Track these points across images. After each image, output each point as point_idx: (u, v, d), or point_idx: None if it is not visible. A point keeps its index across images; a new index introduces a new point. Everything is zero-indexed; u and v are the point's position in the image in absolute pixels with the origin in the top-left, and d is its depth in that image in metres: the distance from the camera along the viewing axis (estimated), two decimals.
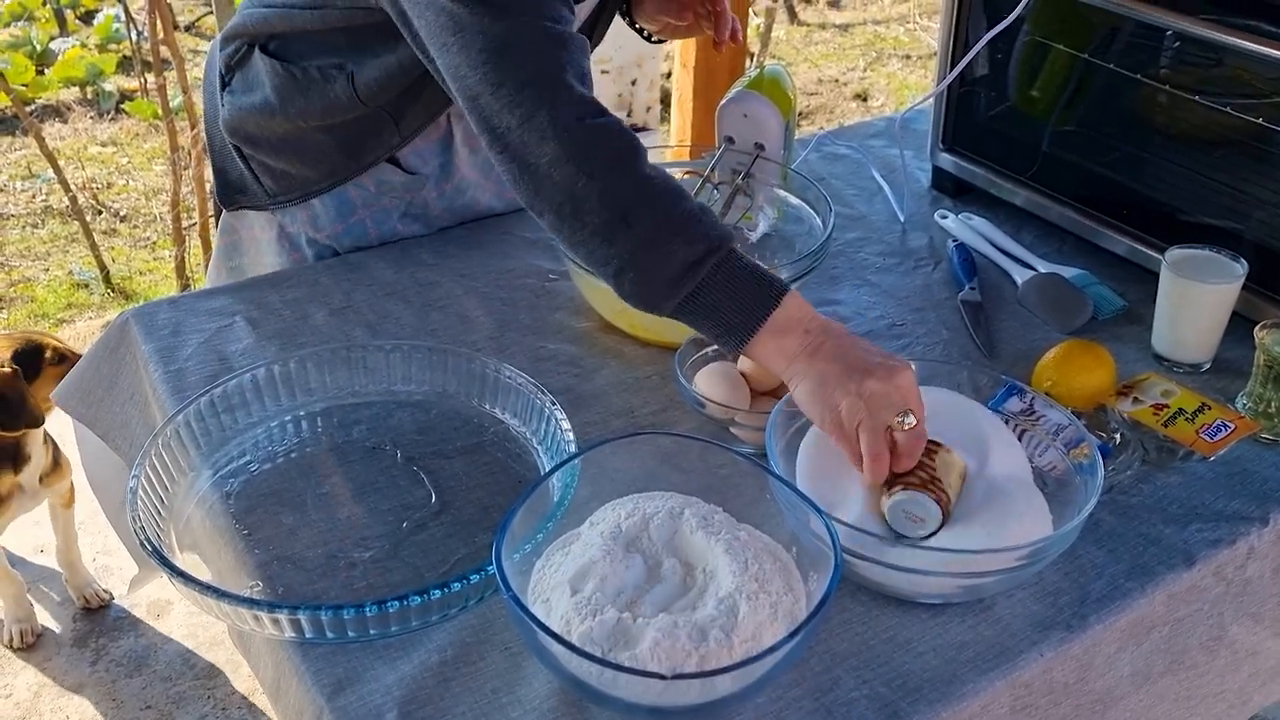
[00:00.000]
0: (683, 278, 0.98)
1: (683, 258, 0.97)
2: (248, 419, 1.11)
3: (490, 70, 1.00)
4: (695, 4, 1.34)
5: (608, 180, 0.98)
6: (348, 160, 1.31)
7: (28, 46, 4.82)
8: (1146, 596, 0.96)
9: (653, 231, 0.98)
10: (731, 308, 0.98)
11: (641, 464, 0.97)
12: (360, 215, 1.38)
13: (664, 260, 0.98)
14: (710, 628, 0.82)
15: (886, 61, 5.20)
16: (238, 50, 1.32)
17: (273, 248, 1.41)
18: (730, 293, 0.98)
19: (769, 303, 0.97)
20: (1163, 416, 1.12)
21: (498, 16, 1.00)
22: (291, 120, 1.28)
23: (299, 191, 1.34)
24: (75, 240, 3.58)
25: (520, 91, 0.99)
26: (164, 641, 2.04)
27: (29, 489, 1.90)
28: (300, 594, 0.95)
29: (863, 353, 0.96)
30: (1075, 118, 1.42)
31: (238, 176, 1.37)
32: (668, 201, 0.99)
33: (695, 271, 0.97)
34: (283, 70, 1.26)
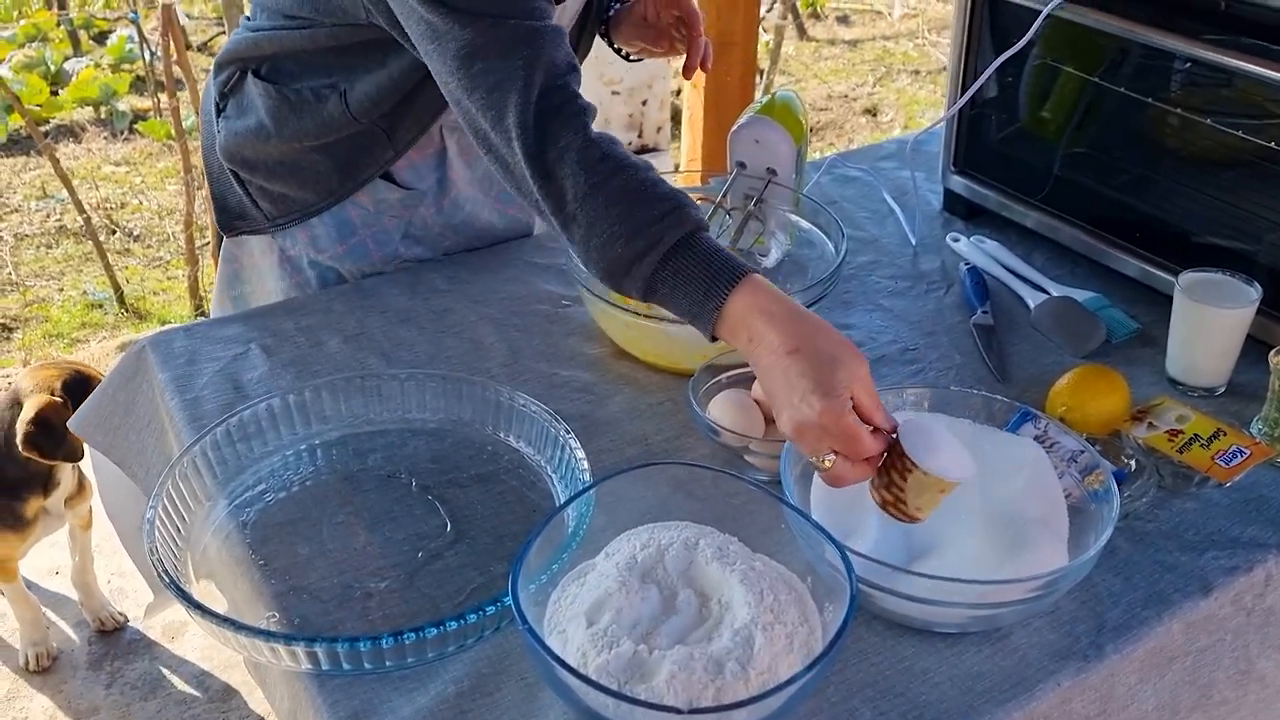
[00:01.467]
0: (635, 269, 0.99)
1: (630, 252, 0.98)
2: (263, 448, 1.11)
3: (463, 75, 1.03)
4: (670, 31, 1.38)
5: (557, 182, 1.01)
6: (344, 179, 1.32)
7: (42, 67, 4.86)
8: (1164, 625, 0.95)
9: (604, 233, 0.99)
10: (688, 297, 0.98)
11: (656, 493, 0.97)
12: (361, 236, 1.39)
13: (613, 254, 0.99)
14: (726, 660, 0.82)
15: (896, 77, 5.21)
16: (231, 77, 1.34)
17: (274, 272, 1.41)
18: (690, 277, 0.97)
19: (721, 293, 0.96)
20: (1178, 442, 1.12)
21: (466, 23, 1.02)
22: (286, 142, 1.30)
23: (298, 213, 1.35)
24: (89, 260, 3.60)
25: (490, 94, 1.02)
26: (179, 664, 2.04)
27: (54, 512, 1.94)
28: (317, 625, 0.95)
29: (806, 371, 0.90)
30: (1086, 140, 1.43)
31: (236, 202, 1.38)
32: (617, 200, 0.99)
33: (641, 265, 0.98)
34: (275, 93, 1.28)
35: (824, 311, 1.30)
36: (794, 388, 0.90)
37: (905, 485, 0.90)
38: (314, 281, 1.41)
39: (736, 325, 0.96)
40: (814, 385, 0.89)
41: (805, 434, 0.90)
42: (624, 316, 1.20)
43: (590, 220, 1.00)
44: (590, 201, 1.00)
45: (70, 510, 1.97)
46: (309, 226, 1.37)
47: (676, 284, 0.98)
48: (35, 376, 1.85)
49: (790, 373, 0.91)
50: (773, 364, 0.92)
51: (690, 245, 0.98)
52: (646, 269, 0.98)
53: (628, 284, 1.01)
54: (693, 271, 0.97)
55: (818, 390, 0.89)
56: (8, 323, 3.29)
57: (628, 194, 0.99)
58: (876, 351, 1.30)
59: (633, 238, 0.98)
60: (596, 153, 1.01)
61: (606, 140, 1.03)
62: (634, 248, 0.98)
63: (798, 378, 0.90)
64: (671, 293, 0.99)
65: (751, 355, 0.95)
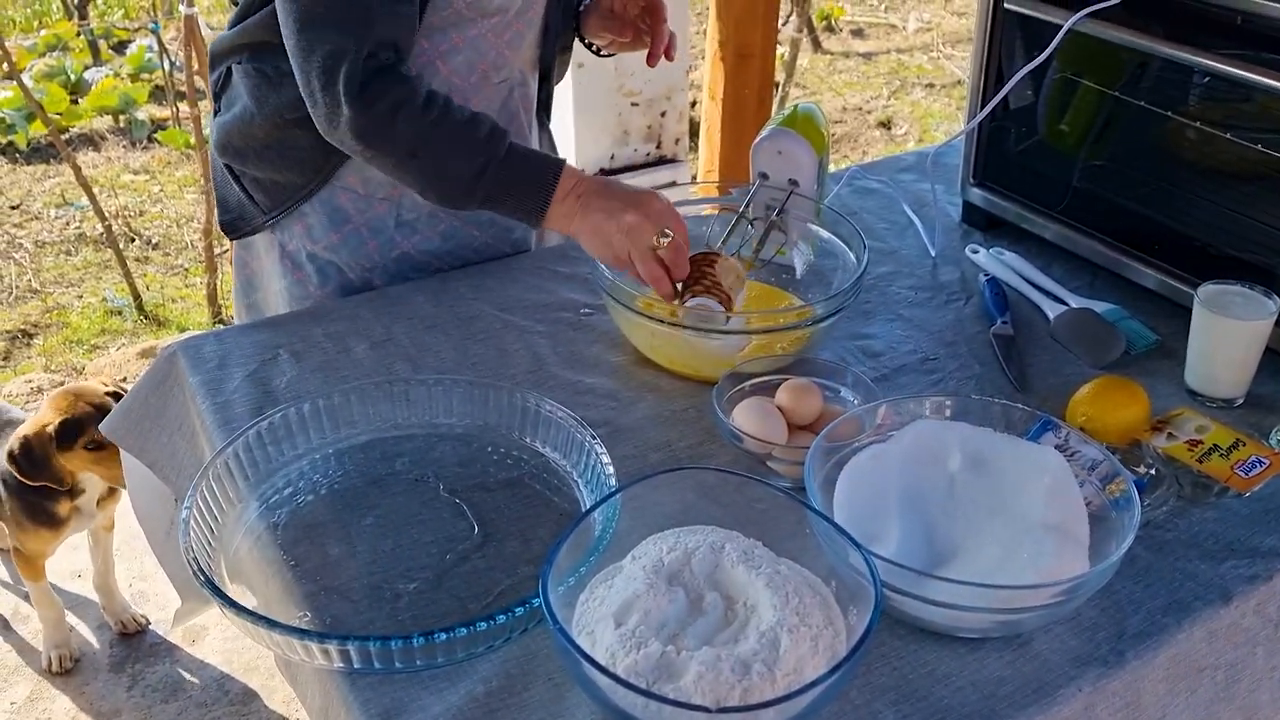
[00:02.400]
0: (473, 186, 1.22)
1: (468, 171, 1.21)
2: (293, 451, 1.13)
3: (302, 38, 1.18)
4: (636, 23, 1.45)
5: (391, 130, 1.19)
6: (327, 153, 1.33)
7: (62, 76, 4.91)
8: (1185, 632, 0.96)
9: (437, 160, 1.21)
10: (520, 196, 1.23)
11: (680, 498, 0.98)
12: (355, 224, 1.40)
13: (454, 179, 1.22)
14: (753, 661, 0.83)
15: (910, 90, 5.23)
16: (220, 76, 1.39)
17: (277, 270, 1.44)
18: (515, 185, 1.22)
19: (549, 184, 1.22)
20: (1197, 452, 1.13)
21: None
22: (269, 119, 1.33)
23: (290, 199, 1.38)
24: (108, 267, 3.63)
25: (325, 60, 1.17)
26: (199, 667, 2.06)
27: (86, 511, 1.98)
28: (348, 624, 0.96)
29: (619, 194, 1.21)
30: (1105, 153, 1.44)
31: (235, 201, 1.42)
32: (443, 130, 1.20)
33: (480, 180, 1.21)
34: (255, 73, 1.33)
35: (845, 321, 1.32)
36: (612, 205, 1.19)
37: (715, 271, 1.20)
38: (314, 277, 1.42)
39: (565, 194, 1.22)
40: (629, 194, 1.21)
41: (636, 231, 1.18)
42: (648, 324, 1.22)
43: (435, 153, 1.20)
44: (430, 138, 1.20)
45: (102, 510, 2.01)
46: (302, 216, 1.39)
47: (509, 187, 1.23)
48: (56, 403, 1.88)
49: (609, 200, 1.20)
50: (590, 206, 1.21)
51: (513, 153, 1.23)
52: (484, 180, 1.21)
53: (465, 199, 1.24)
54: (520, 173, 1.22)
55: (634, 196, 1.21)
56: (28, 329, 3.33)
57: (457, 126, 1.21)
58: (897, 361, 1.31)
59: (473, 155, 1.21)
60: (425, 97, 1.20)
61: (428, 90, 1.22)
62: (475, 163, 1.21)
63: (614, 199, 1.20)
64: (504, 194, 1.23)
65: (579, 205, 1.21)
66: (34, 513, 1.91)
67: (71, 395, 1.87)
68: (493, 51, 1.34)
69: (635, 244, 1.18)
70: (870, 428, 1.08)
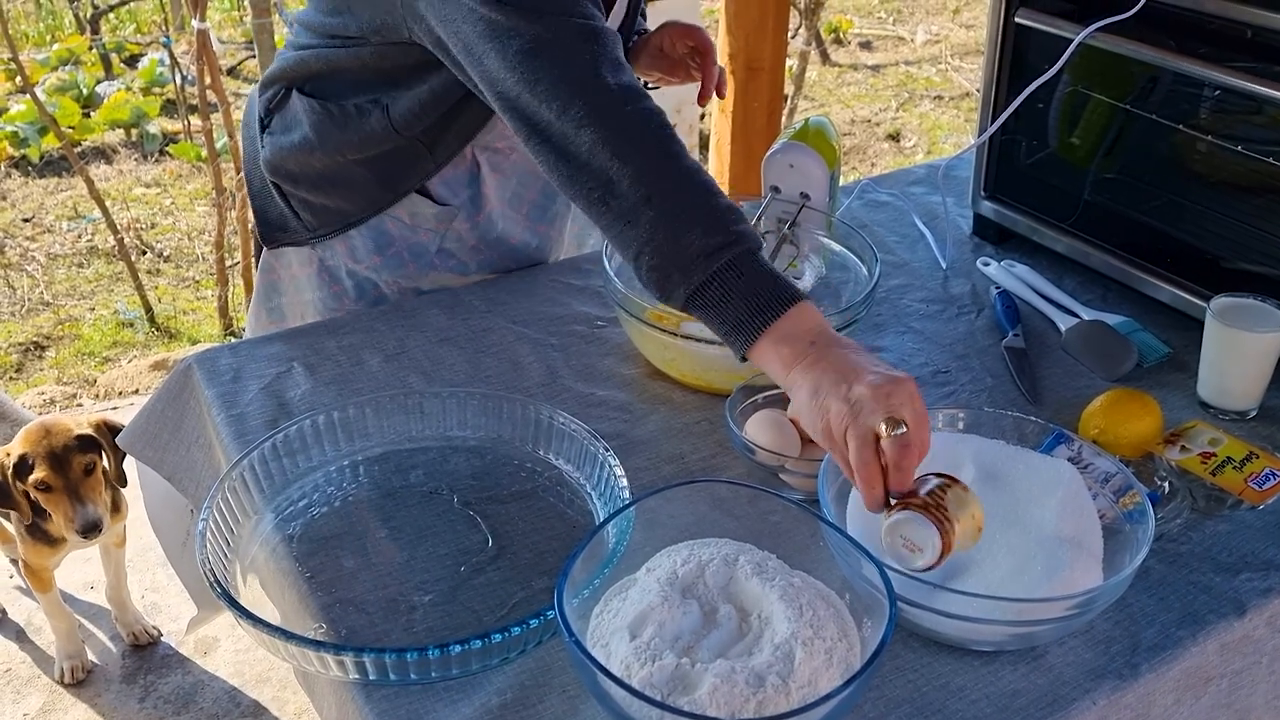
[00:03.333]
0: (696, 265, 0.99)
1: (700, 246, 0.99)
2: (308, 463, 1.14)
3: (526, 70, 1.05)
4: (685, 61, 1.44)
5: (639, 163, 1.01)
6: (384, 190, 1.36)
7: (75, 90, 4.94)
8: (1199, 645, 0.96)
9: (673, 214, 1.00)
10: (741, 306, 0.98)
11: (694, 510, 0.99)
12: (397, 248, 1.42)
13: (680, 245, 0.99)
14: (767, 674, 0.83)
15: (919, 102, 5.24)
16: (276, 94, 1.38)
17: (312, 283, 1.45)
18: (742, 291, 0.98)
19: (779, 307, 0.97)
20: (1210, 465, 1.13)
21: (531, 19, 1.05)
22: (330, 155, 1.33)
23: (338, 224, 1.39)
24: (120, 280, 3.65)
25: (556, 85, 1.04)
26: (211, 678, 2.06)
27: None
28: (363, 636, 0.97)
29: (865, 363, 0.93)
30: (1116, 165, 1.44)
31: (278, 215, 1.42)
32: (695, 189, 1.01)
33: (710, 261, 0.98)
34: (320, 108, 1.32)
35: (857, 334, 1.32)
36: (848, 367, 0.92)
37: (945, 496, 0.90)
38: (351, 291, 1.44)
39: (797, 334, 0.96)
40: (878, 366, 0.93)
41: (864, 407, 0.89)
42: (661, 337, 1.22)
43: (670, 205, 1.00)
44: (679, 188, 1.01)
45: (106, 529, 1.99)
46: (347, 238, 1.40)
47: (734, 289, 0.98)
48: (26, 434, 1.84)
49: (848, 359, 0.93)
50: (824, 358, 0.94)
51: (755, 259, 1.00)
52: (711, 265, 0.98)
53: (679, 279, 1.00)
54: (750, 284, 0.98)
55: (882, 370, 0.92)
56: (40, 341, 3.34)
57: (704, 190, 1.01)
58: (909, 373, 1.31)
59: (711, 230, 0.99)
60: (675, 145, 1.03)
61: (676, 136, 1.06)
62: (711, 241, 0.99)
63: (858, 359, 0.93)
64: (724, 296, 0.99)
65: (809, 355, 0.95)
66: (31, 528, 1.91)
67: (42, 430, 1.83)
68: None
69: (859, 423, 0.89)
70: None
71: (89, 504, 1.83)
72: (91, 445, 1.84)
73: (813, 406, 0.93)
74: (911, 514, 0.88)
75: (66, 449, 1.82)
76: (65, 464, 1.82)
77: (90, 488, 1.84)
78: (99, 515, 1.83)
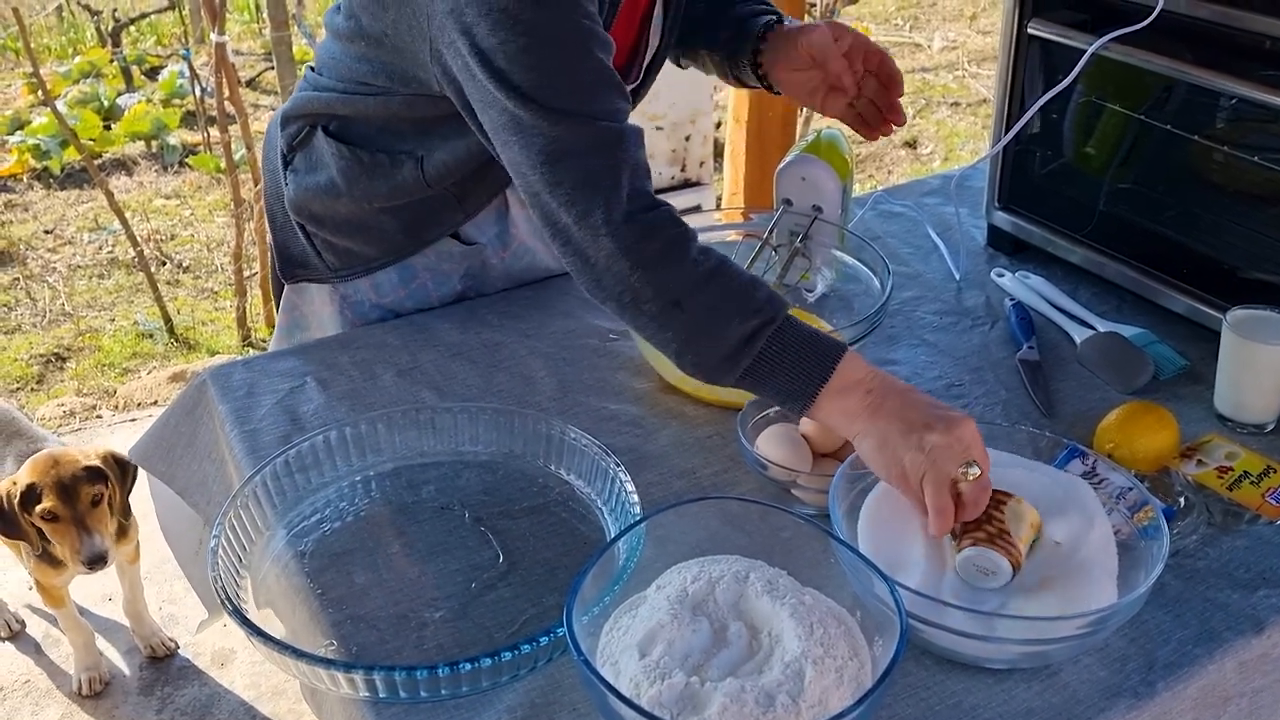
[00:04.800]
0: (740, 352, 1.03)
1: (738, 334, 1.02)
2: (320, 479, 1.14)
3: (548, 171, 1.04)
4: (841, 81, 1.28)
5: (659, 271, 1.04)
6: (411, 239, 1.34)
7: (95, 102, 4.98)
8: (1216, 663, 0.95)
9: (705, 314, 1.03)
10: (790, 375, 1.02)
11: (705, 526, 0.98)
12: (422, 279, 1.41)
13: (719, 339, 1.03)
14: (777, 693, 0.83)
15: (935, 109, 5.23)
16: (300, 130, 1.32)
17: (334, 319, 1.43)
18: (788, 361, 1.02)
19: (827, 367, 1.02)
20: (1227, 480, 1.12)
21: (555, 120, 1.03)
22: (356, 201, 1.30)
23: (361, 267, 1.37)
24: (140, 291, 3.68)
25: (576, 190, 1.04)
26: (227, 691, 2.07)
27: None
28: (373, 653, 0.97)
29: (925, 407, 0.99)
30: (1131, 176, 1.43)
31: (300, 252, 1.39)
32: (718, 283, 1.04)
33: (751, 345, 1.02)
34: (349, 153, 1.27)
35: (870, 347, 1.32)
36: (914, 417, 0.98)
37: (1004, 516, 0.96)
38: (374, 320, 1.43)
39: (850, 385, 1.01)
40: (938, 410, 0.99)
41: (940, 455, 0.96)
42: None
43: (700, 305, 1.03)
44: (703, 289, 1.03)
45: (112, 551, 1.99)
46: (371, 275, 1.38)
47: (780, 362, 1.03)
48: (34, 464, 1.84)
49: (911, 410, 0.99)
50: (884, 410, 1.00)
51: (792, 326, 1.04)
52: (755, 348, 1.02)
53: (727, 368, 1.04)
54: (795, 353, 1.03)
55: (944, 414, 0.98)
56: (61, 352, 3.37)
57: (733, 282, 1.04)
58: (922, 386, 1.29)
59: (745, 315, 1.02)
60: (698, 247, 1.05)
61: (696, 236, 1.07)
62: (748, 325, 1.02)
63: (918, 410, 0.99)
64: (772, 371, 1.03)
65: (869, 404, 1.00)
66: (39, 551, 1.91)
67: (50, 461, 1.83)
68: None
69: (936, 470, 0.96)
70: None
71: (95, 535, 1.82)
72: (99, 476, 1.84)
73: (884, 455, 0.99)
74: (981, 549, 0.96)
75: (75, 479, 1.82)
76: (73, 495, 1.82)
77: (97, 519, 1.84)
78: (105, 548, 1.83)
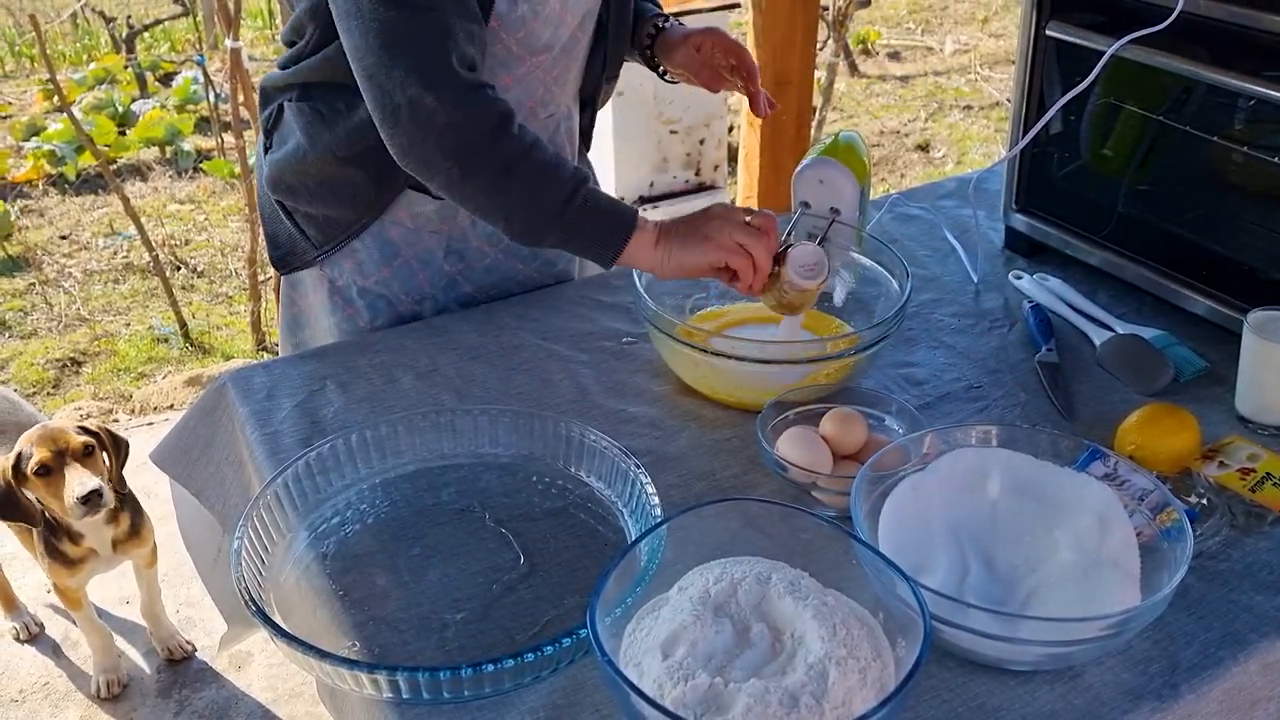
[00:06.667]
0: (564, 209, 1.19)
1: (561, 194, 1.18)
2: (341, 481, 1.14)
3: (384, 54, 1.15)
4: (721, 72, 1.44)
5: (492, 144, 1.16)
6: (379, 190, 1.36)
7: (110, 108, 5.01)
8: (1240, 665, 0.95)
9: (532, 180, 1.19)
10: (602, 226, 1.21)
11: (725, 528, 0.98)
12: (405, 257, 1.42)
13: (545, 199, 1.19)
14: (801, 694, 0.83)
15: (948, 112, 5.22)
16: (272, 113, 1.41)
17: (325, 307, 1.45)
18: (599, 214, 1.21)
19: (628, 225, 1.21)
20: (1249, 481, 1.11)
21: (390, 6, 1.14)
22: (321, 156, 1.34)
23: (342, 233, 1.39)
24: (155, 295, 3.69)
25: (409, 74, 1.14)
26: (244, 693, 2.07)
27: (103, 554, 1.96)
28: (395, 655, 0.97)
29: (689, 216, 1.23)
30: (1150, 177, 1.43)
31: (286, 236, 1.43)
32: (537, 153, 1.19)
33: (571, 203, 1.19)
34: (309, 110, 1.35)
35: (888, 349, 1.32)
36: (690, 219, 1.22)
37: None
38: (365, 312, 1.44)
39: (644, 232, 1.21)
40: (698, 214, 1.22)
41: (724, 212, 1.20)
42: (692, 354, 1.22)
43: (530, 172, 1.18)
44: (528, 157, 1.17)
45: (125, 554, 1.99)
46: (353, 251, 1.40)
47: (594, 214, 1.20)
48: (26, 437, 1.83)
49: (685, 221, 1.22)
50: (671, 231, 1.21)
51: (596, 188, 1.23)
52: (571, 209, 1.19)
53: (550, 228, 1.20)
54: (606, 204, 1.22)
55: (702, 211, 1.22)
56: (77, 357, 3.38)
57: (546, 153, 1.19)
58: (941, 389, 1.31)
59: (561, 181, 1.19)
60: (513, 122, 1.18)
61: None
62: (564, 189, 1.18)
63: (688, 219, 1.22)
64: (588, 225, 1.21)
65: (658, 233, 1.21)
66: (49, 549, 1.92)
67: (39, 428, 1.83)
68: (540, 88, 1.35)
69: (731, 223, 1.19)
70: (916, 457, 1.07)
71: (86, 472, 1.78)
72: (89, 434, 1.84)
73: (691, 249, 1.20)
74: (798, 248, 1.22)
75: (63, 433, 1.81)
76: (63, 447, 1.80)
77: (90, 466, 1.81)
78: (98, 484, 1.78)
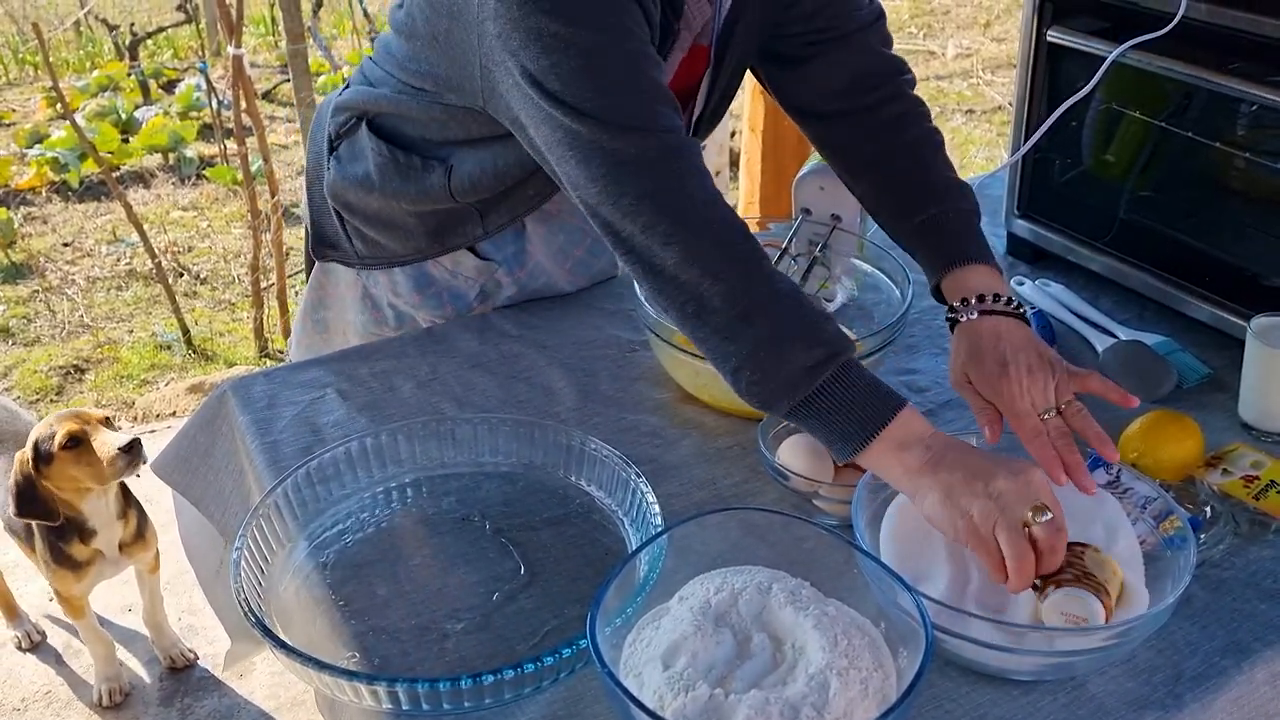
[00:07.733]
0: (801, 380, 0.99)
1: (801, 361, 0.99)
2: (341, 490, 1.14)
3: (609, 184, 1.02)
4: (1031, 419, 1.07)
5: (731, 281, 1.01)
6: (433, 243, 1.37)
7: (113, 115, 5.02)
8: (1245, 675, 0.94)
9: (773, 332, 1.00)
10: (846, 416, 0.99)
11: (727, 537, 0.98)
12: (437, 289, 1.43)
13: (782, 361, 0.99)
14: (802, 705, 0.82)
15: (950, 116, 5.21)
16: (347, 121, 1.36)
17: (356, 305, 1.47)
18: (846, 401, 0.99)
19: (886, 414, 0.98)
20: (1254, 489, 1.11)
21: (615, 134, 1.02)
22: (387, 199, 1.33)
23: (384, 259, 1.40)
24: (158, 302, 3.70)
25: (640, 202, 1.01)
26: (246, 702, 2.07)
27: (110, 556, 1.96)
28: (395, 665, 0.97)
29: (987, 456, 0.96)
30: (1152, 183, 1.42)
31: (332, 233, 1.43)
32: (789, 304, 1.01)
33: (814, 375, 0.99)
34: (386, 151, 1.31)
35: (890, 357, 1.31)
36: (976, 465, 0.94)
37: (1085, 563, 0.92)
38: (391, 320, 1.46)
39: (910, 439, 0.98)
40: (1001, 458, 0.95)
41: (1009, 500, 0.91)
42: (693, 362, 1.22)
43: (767, 321, 1.00)
44: (774, 307, 1.00)
45: (130, 557, 2.00)
46: (390, 273, 1.42)
47: (840, 399, 0.99)
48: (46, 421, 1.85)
49: (971, 458, 0.95)
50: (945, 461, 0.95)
51: (856, 368, 1.00)
52: (815, 380, 0.99)
53: (783, 394, 1.00)
54: (856, 395, 0.99)
55: (1007, 461, 0.94)
56: (80, 364, 3.38)
57: (804, 308, 1.01)
58: (943, 396, 1.30)
59: (810, 344, 0.99)
60: (761, 255, 1.03)
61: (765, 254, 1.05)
62: (813, 354, 0.99)
63: (979, 457, 0.95)
64: (830, 406, 0.99)
65: (929, 459, 0.96)
66: (55, 554, 1.92)
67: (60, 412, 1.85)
68: None
69: (1006, 515, 0.91)
70: None
71: (117, 434, 1.81)
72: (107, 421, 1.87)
73: (950, 507, 0.94)
74: (1070, 589, 0.90)
75: (83, 410, 1.85)
76: (86, 419, 1.83)
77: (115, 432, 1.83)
78: (132, 436, 1.81)
